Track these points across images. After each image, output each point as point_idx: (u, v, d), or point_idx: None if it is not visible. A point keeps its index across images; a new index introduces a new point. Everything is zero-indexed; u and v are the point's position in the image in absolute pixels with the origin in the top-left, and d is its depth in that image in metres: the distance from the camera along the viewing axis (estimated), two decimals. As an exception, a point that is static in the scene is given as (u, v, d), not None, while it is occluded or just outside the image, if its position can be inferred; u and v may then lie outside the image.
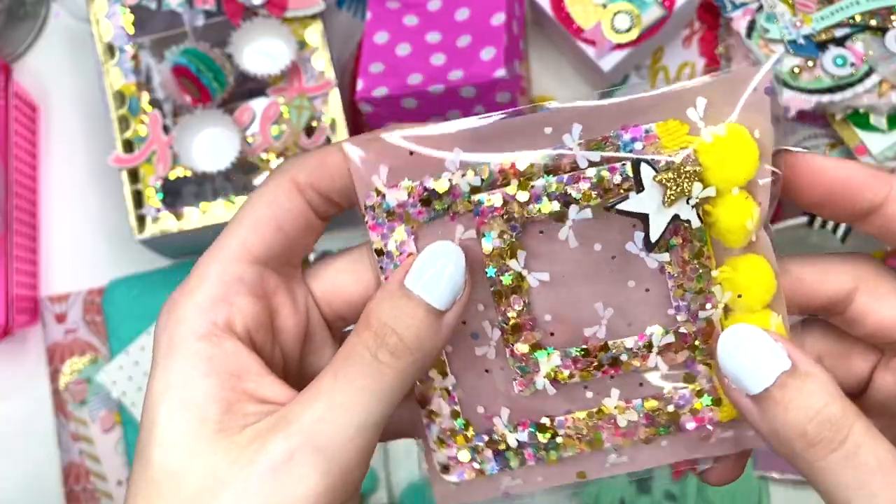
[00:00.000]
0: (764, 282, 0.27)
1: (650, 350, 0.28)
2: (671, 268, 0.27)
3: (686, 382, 0.28)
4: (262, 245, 0.27)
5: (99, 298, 0.63)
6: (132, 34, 0.61)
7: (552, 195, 0.26)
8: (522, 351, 0.28)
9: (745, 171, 0.26)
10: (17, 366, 0.64)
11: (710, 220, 0.26)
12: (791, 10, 0.60)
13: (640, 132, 0.26)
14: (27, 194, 0.65)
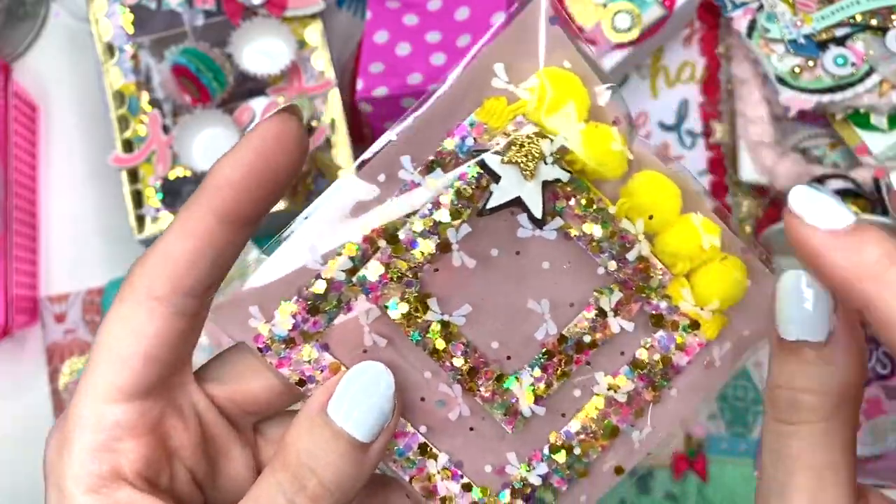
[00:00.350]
0: (664, 191, 0.26)
1: (605, 316, 0.27)
2: (573, 230, 0.26)
3: (656, 326, 0.27)
4: (133, 380, 0.24)
5: (98, 298, 0.63)
6: (132, 34, 0.61)
7: (425, 233, 0.25)
8: (490, 390, 0.27)
9: (578, 104, 0.25)
10: (17, 366, 0.64)
11: (579, 167, 0.25)
12: (791, 9, 0.60)
13: (465, 129, 0.25)
14: (27, 194, 0.64)
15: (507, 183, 0.24)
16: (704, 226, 0.26)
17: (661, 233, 0.26)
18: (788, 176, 0.60)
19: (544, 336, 0.27)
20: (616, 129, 0.25)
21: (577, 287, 0.26)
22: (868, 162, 0.60)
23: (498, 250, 0.26)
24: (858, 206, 0.57)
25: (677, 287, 0.26)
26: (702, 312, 0.27)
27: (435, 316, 0.26)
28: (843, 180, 0.59)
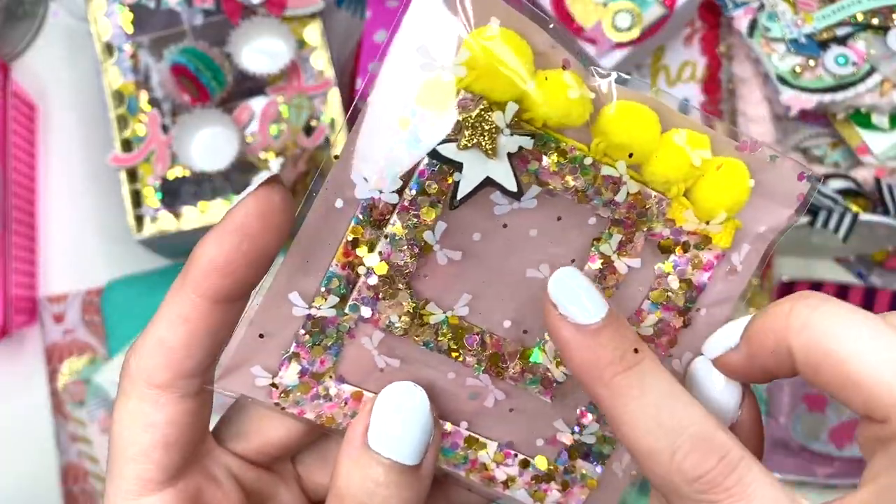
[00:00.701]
0: (637, 120, 0.24)
1: (611, 261, 0.25)
2: (554, 186, 0.24)
3: (666, 252, 0.26)
4: (158, 470, 0.24)
5: (97, 298, 0.63)
6: (131, 33, 0.61)
7: (403, 242, 0.24)
8: (518, 368, 0.26)
9: (522, 59, 0.23)
10: (16, 366, 0.64)
11: (540, 123, 0.24)
12: (792, 8, 0.60)
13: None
14: (25, 194, 0.64)
15: (470, 168, 0.23)
16: (690, 141, 0.24)
17: (647, 162, 0.24)
18: (789, 175, 0.60)
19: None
20: (568, 74, 0.23)
21: (573, 242, 0.25)
22: (869, 161, 0.59)
23: (480, 234, 0.25)
24: (859, 205, 0.57)
25: (678, 209, 0.25)
26: (710, 227, 0.25)
27: (438, 317, 0.25)
28: (844, 180, 0.59)
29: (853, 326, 0.21)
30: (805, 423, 0.61)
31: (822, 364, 0.21)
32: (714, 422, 0.22)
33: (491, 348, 0.26)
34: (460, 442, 0.27)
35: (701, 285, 0.26)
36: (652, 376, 0.22)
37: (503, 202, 0.24)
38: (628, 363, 0.23)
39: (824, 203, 0.57)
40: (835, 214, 0.56)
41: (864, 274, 0.63)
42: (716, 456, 0.21)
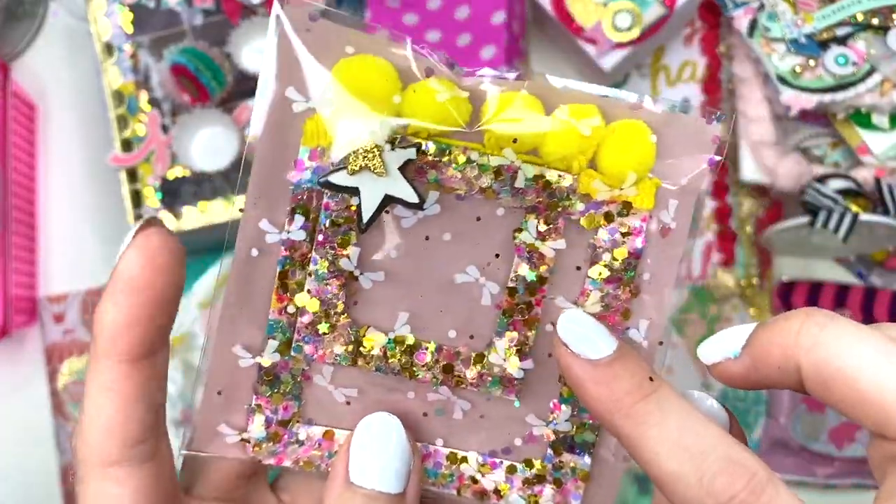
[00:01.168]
0: (520, 108, 0.24)
1: (536, 248, 0.25)
2: (460, 189, 0.25)
3: (590, 226, 0.26)
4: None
5: (97, 298, 0.63)
6: (130, 33, 0.61)
7: (326, 275, 0.25)
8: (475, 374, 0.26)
9: (385, 80, 0.23)
10: (16, 366, 0.64)
11: (427, 136, 0.24)
12: (792, 8, 0.60)
13: (303, 163, 0.24)
14: (25, 194, 0.64)
15: (367, 190, 0.24)
16: (574, 113, 0.24)
17: (541, 145, 0.24)
18: (789, 175, 0.60)
19: (491, 299, 0.26)
20: (434, 81, 0.24)
21: (493, 238, 0.26)
22: (869, 161, 0.59)
23: (396, 250, 0.25)
24: (859, 205, 0.57)
25: (586, 181, 0.25)
26: (625, 191, 0.25)
27: (381, 341, 0.26)
28: (844, 180, 0.59)
29: (863, 345, 0.21)
30: (805, 424, 0.61)
31: (833, 382, 0.22)
32: (737, 443, 0.22)
33: (443, 359, 0.26)
34: (442, 460, 0.27)
35: (636, 251, 0.26)
36: (670, 402, 0.23)
37: (408, 214, 0.25)
38: (645, 391, 0.23)
39: (824, 203, 0.57)
40: (835, 214, 0.56)
41: (865, 274, 0.63)
42: (745, 477, 0.21)
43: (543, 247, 0.25)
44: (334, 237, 0.25)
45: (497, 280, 0.26)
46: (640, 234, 0.25)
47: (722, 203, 0.64)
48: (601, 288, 0.26)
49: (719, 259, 0.64)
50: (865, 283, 0.63)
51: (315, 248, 0.25)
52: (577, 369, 0.24)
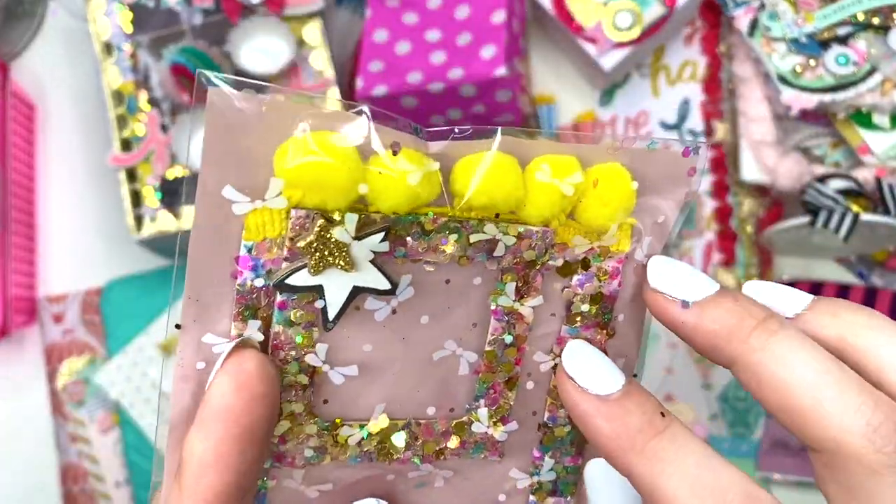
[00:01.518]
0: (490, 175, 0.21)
1: (515, 311, 0.24)
2: (428, 266, 0.22)
3: (566, 274, 0.24)
4: None
5: (97, 298, 0.63)
6: (130, 33, 0.60)
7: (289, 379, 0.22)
8: (457, 443, 0.25)
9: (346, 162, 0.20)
10: (15, 366, 0.64)
11: (392, 213, 0.21)
12: (793, 8, 0.60)
13: (248, 259, 0.21)
14: (24, 194, 0.64)
15: (332, 286, 0.21)
16: (556, 172, 0.22)
17: (520, 209, 0.22)
18: (790, 175, 0.60)
19: (469, 368, 0.24)
20: (402, 158, 0.20)
21: (470, 307, 0.24)
22: (870, 161, 0.59)
23: (371, 345, 0.23)
24: (860, 205, 0.57)
25: (566, 235, 0.23)
26: (605, 241, 0.24)
27: (356, 434, 0.24)
28: (845, 180, 0.59)
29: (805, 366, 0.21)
30: (805, 424, 0.61)
31: (767, 387, 0.22)
32: (750, 478, 0.22)
33: (422, 437, 0.24)
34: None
35: (613, 294, 0.25)
36: (684, 438, 0.22)
37: (381, 304, 0.22)
38: (658, 428, 0.22)
39: (825, 203, 0.57)
40: (835, 214, 0.56)
41: (865, 274, 0.63)
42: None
43: (522, 307, 0.24)
44: (292, 338, 0.22)
45: (474, 348, 0.24)
46: (616, 276, 0.24)
47: (722, 203, 0.64)
48: (578, 335, 0.25)
49: (720, 259, 0.63)
50: (866, 284, 0.63)
51: (271, 352, 0.22)
52: (585, 405, 0.23)
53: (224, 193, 0.20)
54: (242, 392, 0.20)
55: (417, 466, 0.25)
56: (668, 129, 0.65)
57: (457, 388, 0.25)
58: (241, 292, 0.21)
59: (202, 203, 0.20)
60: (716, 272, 0.63)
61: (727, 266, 0.63)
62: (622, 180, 0.23)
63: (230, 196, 0.20)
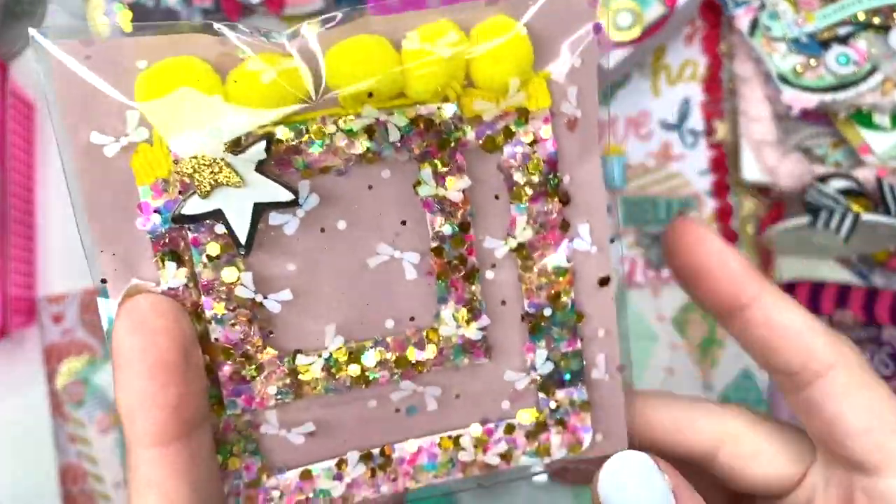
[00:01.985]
0: (357, 55, 0.20)
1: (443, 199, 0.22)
2: (335, 164, 0.21)
3: (490, 149, 0.22)
4: None
5: (96, 298, 0.63)
6: (129, 32, 0.60)
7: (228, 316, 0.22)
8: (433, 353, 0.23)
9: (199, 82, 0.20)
10: (14, 367, 0.64)
11: (270, 126, 0.20)
12: (793, 7, 0.60)
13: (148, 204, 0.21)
14: (23, 194, 0.64)
15: (230, 208, 0.20)
16: (427, 37, 0.20)
17: (403, 86, 0.21)
18: (791, 175, 0.60)
19: (416, 270, 0.23)
20: (252, 60, 0.20)
21: (392, 204, 0.22)
22: (871, 161, 0.59)
23: (294, 263, 0.22)
24: (861, 205, 0.57)
25: (468, 104, 0.22)
26: (513, 99, 0.22)
27: (317, 363, 0.23)
28: (846, 179, 0.58)
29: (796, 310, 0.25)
30: (806, 424, 0.61)
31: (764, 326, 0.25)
32: None
33: (392, 351, 0.23)
34: (435, 450, 0.24)
35: (550, 156, 0.23)
36: None
37: (287, 218, 0.21)
38: None
39: (826, 203, 0.57)
40: (836, 214, 0.56)
41: (866, 274, 0.63)
42: None
43: (450, 192, 0.22)
44: (218, 273, 0.21)
45: (414, 247, 0.23)
46: (547, 137, 0.22)
47: (723, 203, 0.64)
48: (528, 210, 0.23)
49: (720, 259, 0.63)
50: (867, 284, 0.63)
51: (203, 291, 0.21)
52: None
53: (92, 139, 0.20)
54: (140, 330, 0.20)
55: (397, 385, 0.23)
56: (669, 129, 0.65)
57: (411, 294, 0.23)
58: (153, 238, 0.21)
59: (78, 156, 0.20)
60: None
61: (728, 266, 0.63)
62: (505, 28, 0.21)
63: (98, 140, 0.20)
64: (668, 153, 0.65)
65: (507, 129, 0.22)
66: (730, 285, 0.25)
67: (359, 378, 0.23)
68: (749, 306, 0.25)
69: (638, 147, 0.65)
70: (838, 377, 0.24)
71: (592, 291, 0.24)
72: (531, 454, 0.25)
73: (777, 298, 0.26)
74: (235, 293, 0.21)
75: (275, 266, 0.22)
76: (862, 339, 0.61)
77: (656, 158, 0.65)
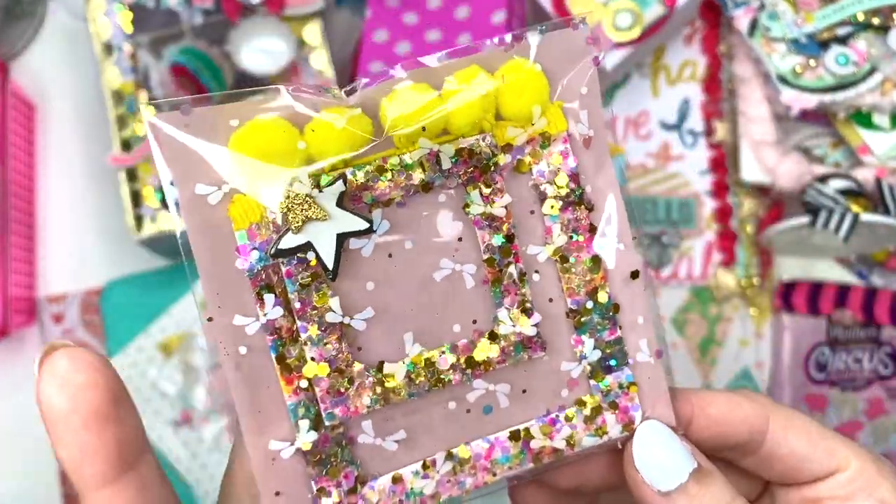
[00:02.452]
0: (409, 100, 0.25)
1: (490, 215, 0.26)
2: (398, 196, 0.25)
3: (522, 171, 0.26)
4: None
5: (96, 299, 0.63)
6: (130, 33, 0.60)
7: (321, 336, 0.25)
8: (497, 351, 0.26)
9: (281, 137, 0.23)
10: (15, 366, 0.64)
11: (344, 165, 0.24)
12: (793, 8, 0.60)
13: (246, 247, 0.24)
14: (24, 194, 0.64)
15: (318, 239, 0.24)
16: (463, 80, 0.25)
17: (447, 123, 0.25)
18: (790, 175, 0.60)
19: (473, 280, 0.26)
20: (325, 113, 0.24)
21: (449, 225, 0.26)
22: (870, 161, 0.59)
23: (372, 282, 0.25)
24: (860, 205, 0.57)
25: (501, 133, 0.26)
26: (536, 126, 0.26)
27: (401, 370, 0.26)
28: (845, 180, 0.59)
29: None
30: (806, 424, 0.61)
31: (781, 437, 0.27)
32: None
33: (462, 354, 0.26)
34: (507, 444, 0.27)
35: (572, 171, 0.26)
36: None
37: (363, 242, 0.25)
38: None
39: (825, 203, 0.57)
40: (835, 215, 0.56)
41: (865, 274, 0.63)
42: None
43: (495, 209, 0.26)
44: (310, 299, 0.24)
45: (471, 260, 0.26)
46: (567, 155, 0.26)
47: (722, 203, 0.64)
48: (560, 219, 0.27)
49: (720, 259, 0.63)
50: (866, 284, 0.63)
51: (297, 317, 0.24)
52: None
53: (197, 191, 0.23)
54: (65, 389, 0.21)
55: (471, 385, 0.27)
56: (668, 129, 0.65)
57: (472, 301, 0.27)
58: (251, 276, 0.24)
59: (186, 207, 0.23)
60: (716, 272, 0.63)
61: (727, 266, 0.63)
62: (522, 67, 0.25)
63: (202, 191, 0.23)
64: (667, 153, 0.65)
65: (534, 152, 0.26)
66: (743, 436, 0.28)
67: (436, 381, 0.26)
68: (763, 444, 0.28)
69: (637, 147, 0.65)
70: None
71: (625, 284, 0.27)
72: (591, 435, 0.28)
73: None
74: (326, 318, 0.25)
75: (356, 287, 0.25)
76: (861, 339, 0.61)
77: (656, 158, 0.65)
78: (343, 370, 0.25)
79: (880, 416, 0.61)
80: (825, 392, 0.61)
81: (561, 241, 0.27)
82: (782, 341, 0.61)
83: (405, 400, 0.26)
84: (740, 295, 0.63)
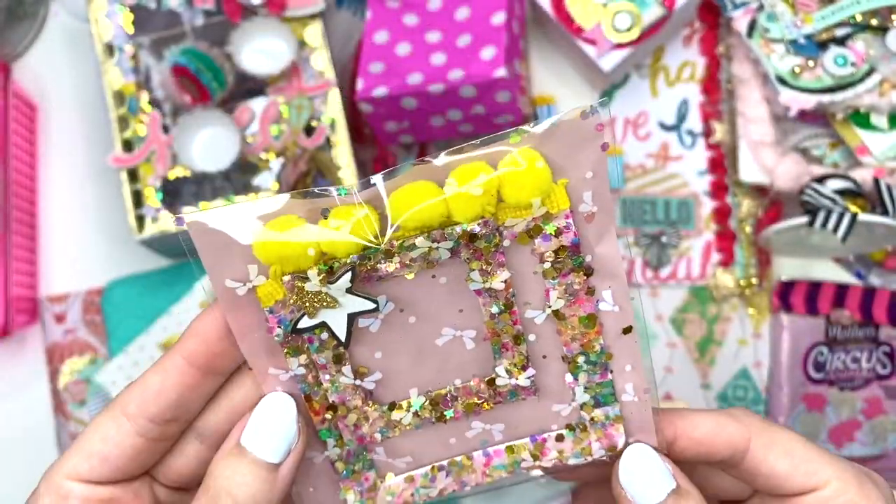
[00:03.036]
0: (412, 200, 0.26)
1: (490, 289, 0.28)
2: (409, 273, 0.27)
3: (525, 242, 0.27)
4: (89, 472, 0.28)
5: (98, 298, 0.63)
6: (131, 34, 0.61)
7: (337, 390, 0.29)
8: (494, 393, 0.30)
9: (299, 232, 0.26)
10: (17, 366, 0.64)
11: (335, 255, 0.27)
12: (792, 9, 0.60)
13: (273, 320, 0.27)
14: (26, 194, 0.64)
15: (332, 319, 0.27)
16: (462, 179, 0.26)
17: (452, 217, 0.26)
18: (788, 175, 0.60)
19: (474, 342, 0.29)
20: (333, 220, 0.26)
21: (447, 298, 0.28)
22: (868, 162, 0.60)
23: (380, 351, 0.29)
24: (858, 205, 0.57)
25: (503, 217, 0.27)
26: (536, 214, 0.27)
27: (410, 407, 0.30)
28: (843, 180, 0.59)
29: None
30: (804, 423, 0.61)
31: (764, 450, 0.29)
32: None
33: (463, 398, 0.30)
34: (502, 452, 0.31)
35: (573, 243, 0.27)
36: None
37: (371, 320, 0.28)
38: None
39: (823, 203, 0.57)
40: (834, 214, 0.56)
41: (863, 273, 0.64)
42: None
43: (494, 283, 0.28)
44: (329, 359, 0.29)
45: (472, 326, 0.29)
46: (568, 231, 0.27)
47: (721, 203, 0.64)
48: (559, 283, 0.28)
49: (719, 259, 0.64)
50: (864, 283, 0.63)
51: (320, 371, 0.29)
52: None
53: (227, 285, 0.27)
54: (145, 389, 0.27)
55: (469, 425, 0.31)
56: (667, 130, 0.66)
57: (472, 359, 0.29)
58: (279, 341, 0.28)
59: (220, 296, 0.27)
60: (715, 272, 0.63)
61: (726, 266, 0.63)
62: (526, 165, 0.26)
63: (231, 285, 0.27)
64: (666, 154, 0.65)
65: (536, 227, 0.27)
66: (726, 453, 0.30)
67: (439, 417, 0.30)
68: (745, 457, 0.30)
69: (637, 147, 0.65)
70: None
71: (618, 338, 0.29)
72: (577, 455, 0.31)
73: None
74: (341, 380, 0.29)
75: (366, 356, 0.29)
76: (859, 339, 0.61)
77: (655, 159, 0.65)
78: (360, 410, 0.30)
79: (878, 416, 0.61)
80: (823, 391, 0.61)
81: (558, 304, 0.28)
82: (781, 341, 0.61)
83: (412, 430, 0.30)
84: (739, 295, 0.63)
